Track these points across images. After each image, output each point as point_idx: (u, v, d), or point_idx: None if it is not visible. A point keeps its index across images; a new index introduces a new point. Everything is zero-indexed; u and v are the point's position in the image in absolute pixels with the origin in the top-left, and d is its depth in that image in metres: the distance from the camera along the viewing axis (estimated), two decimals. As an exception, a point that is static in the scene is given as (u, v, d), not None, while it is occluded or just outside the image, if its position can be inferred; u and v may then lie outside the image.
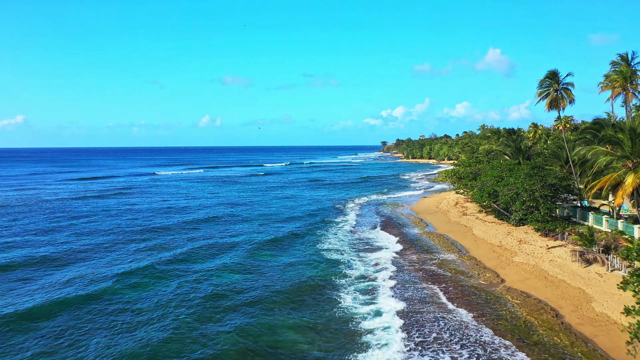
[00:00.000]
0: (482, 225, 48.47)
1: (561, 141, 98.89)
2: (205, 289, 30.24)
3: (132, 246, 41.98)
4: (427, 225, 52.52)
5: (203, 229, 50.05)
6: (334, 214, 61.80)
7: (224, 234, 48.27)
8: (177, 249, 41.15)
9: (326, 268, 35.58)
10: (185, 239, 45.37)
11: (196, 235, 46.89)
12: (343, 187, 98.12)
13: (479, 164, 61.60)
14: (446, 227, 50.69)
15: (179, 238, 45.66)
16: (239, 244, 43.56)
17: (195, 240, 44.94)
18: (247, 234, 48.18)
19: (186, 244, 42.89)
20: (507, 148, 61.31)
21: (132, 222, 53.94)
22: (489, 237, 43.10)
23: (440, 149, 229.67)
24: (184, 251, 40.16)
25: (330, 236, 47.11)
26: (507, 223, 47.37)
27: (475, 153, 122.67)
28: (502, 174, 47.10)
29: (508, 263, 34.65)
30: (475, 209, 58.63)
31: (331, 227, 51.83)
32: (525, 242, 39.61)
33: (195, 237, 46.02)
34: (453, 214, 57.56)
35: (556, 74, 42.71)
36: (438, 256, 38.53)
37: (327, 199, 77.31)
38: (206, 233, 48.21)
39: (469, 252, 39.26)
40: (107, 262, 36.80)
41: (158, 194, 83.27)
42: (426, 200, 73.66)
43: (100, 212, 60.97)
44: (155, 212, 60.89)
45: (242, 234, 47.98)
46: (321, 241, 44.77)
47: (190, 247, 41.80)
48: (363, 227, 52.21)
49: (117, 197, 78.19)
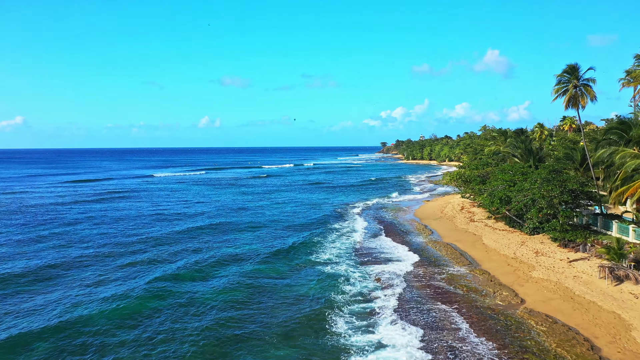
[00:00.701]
0: (493, 234, 44.79)
1: (568, 142, 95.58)
2: (191, 319, 26.58)
3: (114, 263, 37.89)
4: (432, 233, 48.85)
5: (195, 241, 45.57)
6: (334, 220, 58.14)
7: (216, 246, 44.56)
8: (163, 265, 37.38)
9: (322, 285, 31.93)
10: (174, 253, 41.43)
11: (187, 248, 42.95)
12: (344, 190, 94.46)
13: (487, 166, 57.92)
14: (453, 235, 47.02)
15: (167, 252, 41.71)
16: (231, 259, 39.92)
17: (184, 255, 41.15)
18: (241, 245, 44.54)
19: (174, 260, 39.09)
20: (517, 149, 57.69)
21: (118, 231, 49.94)
22: (502, 248, 39.41)
23: (441, 150, 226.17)
24: (170, 273, 36.41)
25: (330, 246, 43.42)
26: (520, 231, 43.71)
27: (479, 154, 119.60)
28: (514, 178, 43.44)
29: (526, 279, 30.96)
30: (483, 215, 54.94)
31: (331, 236, 48.15)
32: (543, 254, 35.93)
33: (186, 251, 42.18)
34: (459, 220, 53.88)
35: (576, 69, 38.98)
36: (447, 270, 34.85)
37: (327, 203, 73.65)
38: (198, 245, 44.19)
39: (480, 265, 35.58)
40: (83, 284, 33.07)
41: (152, 199, 79.10)
42: (429, 205, 70.02)
43: (86, 220, 57.00)
44: (146, 220, 56.68)
45: (235, 246, 44.35)
46: (319, 252, 41.09)
47: (178, 265, 38.02)
48: (364, 235, 48.53)
49: (107, 202, 74.39)
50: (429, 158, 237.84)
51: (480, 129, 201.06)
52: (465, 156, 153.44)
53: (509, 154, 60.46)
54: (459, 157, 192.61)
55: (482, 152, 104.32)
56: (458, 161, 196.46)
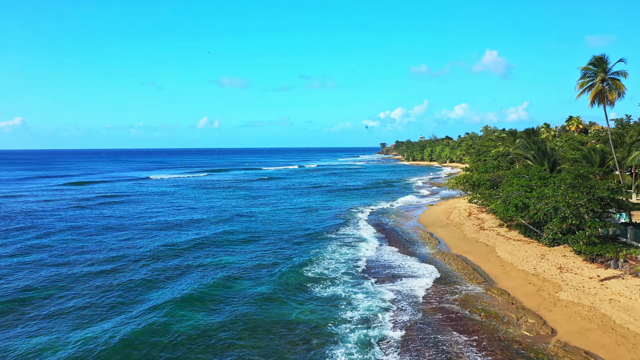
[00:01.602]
0: (507, 244, 40.56)
1: (576, 142, 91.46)
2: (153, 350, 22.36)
3: (78, 289, 33.80)
4: (439, 243, 44.63)
5: (183, 256, 40.14)
6: (333, 227, 53.90)
7: (206, 263, 40.31)
8: (143, 294, 33.17)
9: (317, 308, 27.75)
10: (151, 270, 37.21)
11: (174, 265, 38.67)
12: (345, 194, 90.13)
13: (498, 169, 53.71)
14: (462, 245, 42.80)
15: (143, 270, 37.54)
16: (213, 275, 35.73)
17: (158, 272, 36.97)
18: (228, 259, 40.35)
19: (145, 279, 34.88)
20: (529, 151, 53.50)
21: (97, 245, 44.61)
22: (519, 262, 35.18)
23: (441, 151, 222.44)
24: (150, 306, 32.22)
25: (329, 259, 39.16)
26: (537, 242, 39.51)
27: (482, 155, 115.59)
28: (531, 183, 39.24)
29: (553, 302, 26.74)
30: (493, 222, 50.73)
31: (330, 246, 43.91)
32: (568, 270, 31.71)
33: (173, 268, 38.01)
34: (468, 228, 49.66)
35: (603, 60, 34.72)
36: (459, 288, 30.64)
37: (327, 208, 69.43)
38: (179, 262, 39.66)
39: (497, 283, 31.35)
40: (37, 315, 28.88)
41: (141, 204, 74.23)
42: (434, 210, 65.80)
43: (65, 230, 52.02)
44: (133, 231, 51.23)
45: (220, 262, 40.15)
46: (316, 265, 36.85)
47: (147, 277, 33.84)
48: (365, 245, 44.30)
49: (92, 209, 69.88)
50: (429, 159, 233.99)
51: (481, 129, 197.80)
52: (468, 157, 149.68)
53: (520, 156, 56.28)
54: (461, 159, 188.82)
55: (487, 153, 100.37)
56: (460, 162, 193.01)
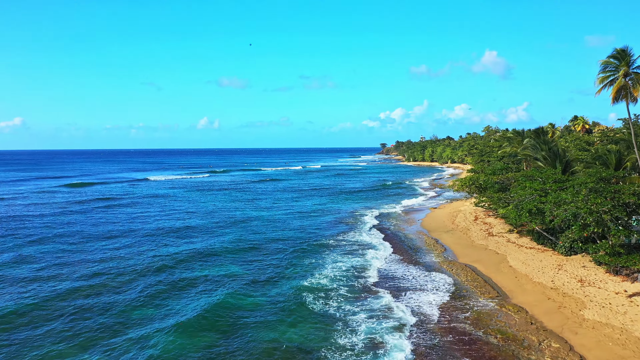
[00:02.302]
0: (519, 253, 37.60)
1: (583, 143, 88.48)
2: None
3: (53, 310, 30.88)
4: (445, 250, 41.69)
5: (171, 270, 36.25)
6: (332, 234, 51.01)
7: (197, 277, 37.37)
8: (126, 318, 30.27)
9: (315, 326, 24.85)
10: (132, 279, 34.38)
11: (160, 281, 35.58)
12: (348, 196, 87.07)
13: (507, 171, 50.76)
14: (471, 253, 39.85)
15: (126, 279, 34.68)
16: (211, 287, 32.84)
17: (137, 283, 34.08)
18: (232, 263, 37.45)
19: (126, 291, 32.01)
20: (539, 152, 50.55)
21: (82, 256, 41.06)
22: (534, 273, 32.23)
23: (443, 151, 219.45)
24: (118, 308, 29.30)
25: (328, 270, 36.25)
26: (552, 250, 36.56)
27: (485, 156, 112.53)
28: (545, 187, 36.30)
29: (578, 322, 23.79)
30: (502, 227, 47.80)
31: (330, 256, 41.02)
32: (590, 283, 28.78)
33: (159, 284, 35.04)
34: (475, 234, 46.70)
35: (626, 53, 31.73)
36: (470, 304, 27.72)
37: (327, 211, 66.50)
38: (175, 277, 36.32)
39: (511, 298, 28.41)
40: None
41: (137, 208, 70.00)
42: (437, 213, 62.84)
43: (51, 239, 48.32)
44: (121, 240, 46.93)
45: (224, 269, 37.24)
46: (315, 276, 33.93)
47: (130, 297, 30.96)
48: (366, 254, 41.38)
49: (83, 213, 66.59)
50: (430, 160, 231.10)
51: (483, 129, 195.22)
52: (470, 158, 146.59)
53: (529, 157, 53.38)
54: (463, 159, 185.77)
55: (492, 154, 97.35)
56: (461, 163, 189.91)
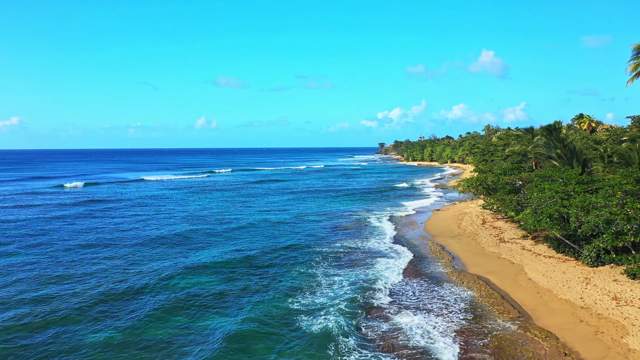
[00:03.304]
0: (537, 263, 33.41)
1: (591, 142, 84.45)
2: None
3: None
4: (453, 259, 37.50)
5: (150, 294, 31.47)
6: (326, 240, 46.87)
7: (172, 290, 33.16)
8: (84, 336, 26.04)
9: (303, 351, 20.69)
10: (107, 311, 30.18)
11: (128, 289, 31.59)
12: (342, 198, 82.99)
13: (520, 171, 46.63)
14: (482, 262, 35.66)
15: (92, 302, 30.46)
16: (195, 312, 28.62)
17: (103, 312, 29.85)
18: (214, 282, 33.23)
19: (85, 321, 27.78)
20: (553, 150, 46.34)
21: (50, 272, 37.75)
22: (558, 287, 28.05)
23: (442, 150, 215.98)
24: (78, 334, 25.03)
25: (318, 284, 32.07)
26: (575, 260, 32.38)
27: (487, 155, 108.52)
28: (567, 189, 32.16)
29: (624, 355, 19.58)
30: (514, 232, 43.64)
31: (322, 264, 36.84)
32: (627, 302, 24.59)
33: (125, 293, 30.88)
34: (485, 239, 42.54)
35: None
36: (487, 326, 23.54)
37: (321, 214, 62.34)
38: (154, 307, 32.73)
39: (536, 319, 24.21)
40: None
41: (125, 213, 63.53)
42: (441, 215, 58.66)
43: (15, 252, 45.09)
44: (98, 254, 40.07)
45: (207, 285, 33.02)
46: (304, 291, 29.74)
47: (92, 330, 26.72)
48: (364, 262, 37.22)
49: (63, 220, 62.06)
50: (429, 159, 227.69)
51: (483, 128, 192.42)
52: (471, 157, 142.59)
53: (541, 156, 49.27)
54: (463, 159, 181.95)
55: (496, 153, 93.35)
56: (462, 163, 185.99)
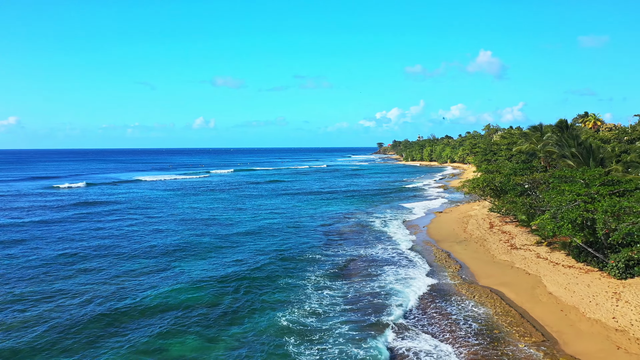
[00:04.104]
0: (556, 273, 29.94)
1: (598, 141, 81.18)
2: None
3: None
4: (461, 267, 34.02)
5: (128, 322, 29.01)
6: (319, 247, 43.46)
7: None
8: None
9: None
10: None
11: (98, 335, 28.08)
12: (339, 199, 79.57)
13: (532, 171, 43.19)
14: (493, 272, 32.18)
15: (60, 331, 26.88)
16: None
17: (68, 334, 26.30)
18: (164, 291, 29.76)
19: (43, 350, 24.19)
20: (566, 148, 42.97)
21: (20, 287, 34.53)
22: (585, 304, 24.57)
23: (442, 150, 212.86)
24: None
25: (311, 296, 28.60)
26: (600, 270, 28.93)
27: (489, 154, 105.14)
28: (590, 191, 28.72)
29: (679, 394, 16.21)
30: (526, 238, 40.18)
31: (310, 277, 33.38)
32: (669, 324, 21.18)
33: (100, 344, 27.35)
34: (495, 246, 39.07)
35: None
36: (508, 353, 20.07)
37: (315, 217, 58.90)
38: (130, 329, 29.20)
39: (563, 344, 20.74)
40: None
41: (110, 218, 58.00)
42: (444, 218, 55.21)
43: None
44: (73, 267, 35.79)
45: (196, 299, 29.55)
46: (295, 305, 26.27)
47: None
48: (362, 271, 33.76)
49: (33, 227, 58.57)
50: (429, 159, 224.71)
51: (483, 128, 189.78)
52: (472, 157, 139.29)
53: (551, 155, 45.95)
54: (464, 159, 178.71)
55: (500, 152, 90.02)
56: (462, 163, 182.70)
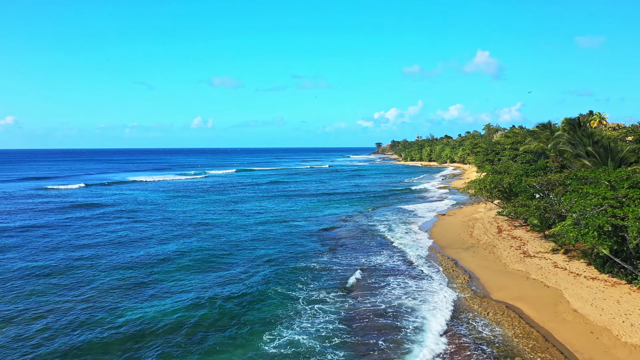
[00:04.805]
0: (578, 286, 26.73)
1: (604, 139, 78.18)
2: None
3: None
4: (471, 278, 30.80)
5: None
6: (311, 254, 40.29)
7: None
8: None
9: None
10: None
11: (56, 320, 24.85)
12: (336, 199, 76.37)
13: (545, 172, 40.01)
14: (507, 284, 28.93)
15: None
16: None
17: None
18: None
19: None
20: (581, 147, 39.95)
21: None
22: (618, 325, 21.37)
23: (442, 150, 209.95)
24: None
25: (299, 317, 25.39)
26: (629, 283, 25.76)
27: (491, 154, 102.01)
28: (617, 195, 25.54)
29: None
30: (539, 244, 36.97)
31: (314, 284, 30.19)
32: None
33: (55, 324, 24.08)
34: (506, 253, 35.82)
35: None
36: (534, 388, 16.89)
37: (309, 219, 55.73)
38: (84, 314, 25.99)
39: (599, 376, 17.62)
40: None
41: (92, 223, 53.60)
42: (448, 221, 52.00)
43: None
44: (40, 283, 34.58)
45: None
46: (284, 324, 23.07)
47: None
48: (361, 284, 30.56)
49: (4, 234, 55.38)
50: (428, 159, 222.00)
51: (484, 127, 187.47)
52: (473, 157, 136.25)
53: (567, 154, 42.80)
54: (464, 159, 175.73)
55: (503, 152, 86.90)
56: (462, 163, 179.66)
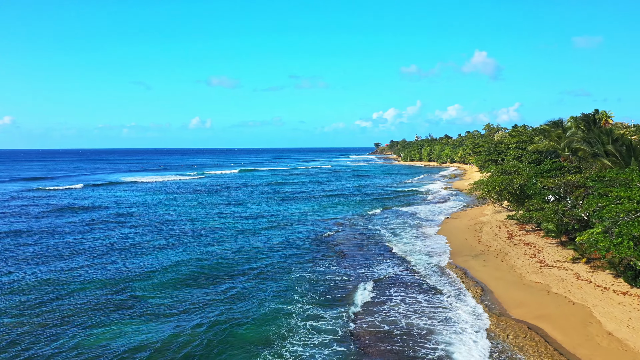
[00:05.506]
0: (608, 302, 23.73)
1: (624, 137, 75.48)
2: None
3: None
4: (483, 291, 27.72)
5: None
6: (305, 261, 37.30)
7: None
8: None
9: None
10: None
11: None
12: (335, 201, 73.41)
13: (562, 172, 37.04)
14: (526, 299, 25.86)
15: None
16: None
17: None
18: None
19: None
20: (599, 146, 37.23)
21: None
22: (662, 351, 18.45)
23: (442, 150, 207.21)
24: None
25: (304, 329, 22.38)
26: (665, 300, 22.83)
27: (494, 154, 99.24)
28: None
29: None
30: (555, 251, 33.97)
31: (310, 295, 27.18)
32: None
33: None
34: (520, 261, 32.80)
35: None
36: None
37: (305, 223, 52.75)
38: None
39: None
40: None
41: (75, 229, 49.04)
42: (454, 224, 48.93)
43: None
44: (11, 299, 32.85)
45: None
46: (279, 340, 20.07)
47: None
48: (353, 300, 27.56)
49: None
50: (428, 159, 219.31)
51: (484, 127, 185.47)
52: (474, 157, 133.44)
53: (582, 153, 39.95)
54: (465, 159, 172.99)
55: (508, 152, 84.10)
56: (463, 163, 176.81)
